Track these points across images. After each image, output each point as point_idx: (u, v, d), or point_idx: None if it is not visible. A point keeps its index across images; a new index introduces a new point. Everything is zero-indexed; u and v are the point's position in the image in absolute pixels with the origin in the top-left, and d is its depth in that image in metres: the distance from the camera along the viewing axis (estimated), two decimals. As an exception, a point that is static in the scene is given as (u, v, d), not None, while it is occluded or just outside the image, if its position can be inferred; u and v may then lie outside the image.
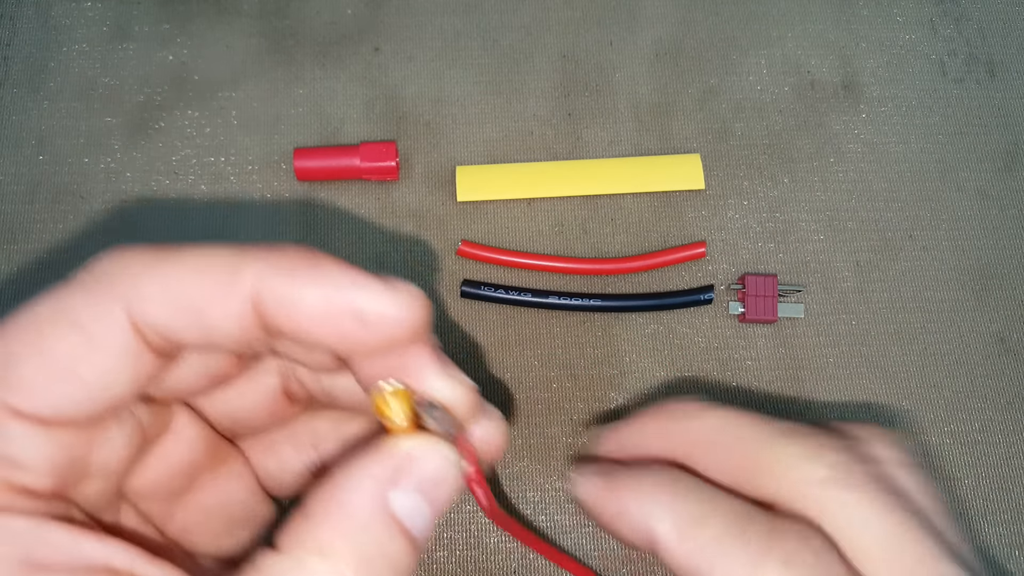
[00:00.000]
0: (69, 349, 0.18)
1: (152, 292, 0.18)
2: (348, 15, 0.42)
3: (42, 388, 0.18)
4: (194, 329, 0.19)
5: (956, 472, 0.36)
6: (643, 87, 0.41)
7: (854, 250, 0.39)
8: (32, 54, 0.40)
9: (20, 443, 0.18)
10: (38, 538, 0.17)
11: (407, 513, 0.19)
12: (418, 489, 0.19)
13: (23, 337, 0.18)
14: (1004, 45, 0.43)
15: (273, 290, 0.18)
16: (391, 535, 0.18)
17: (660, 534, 0.22)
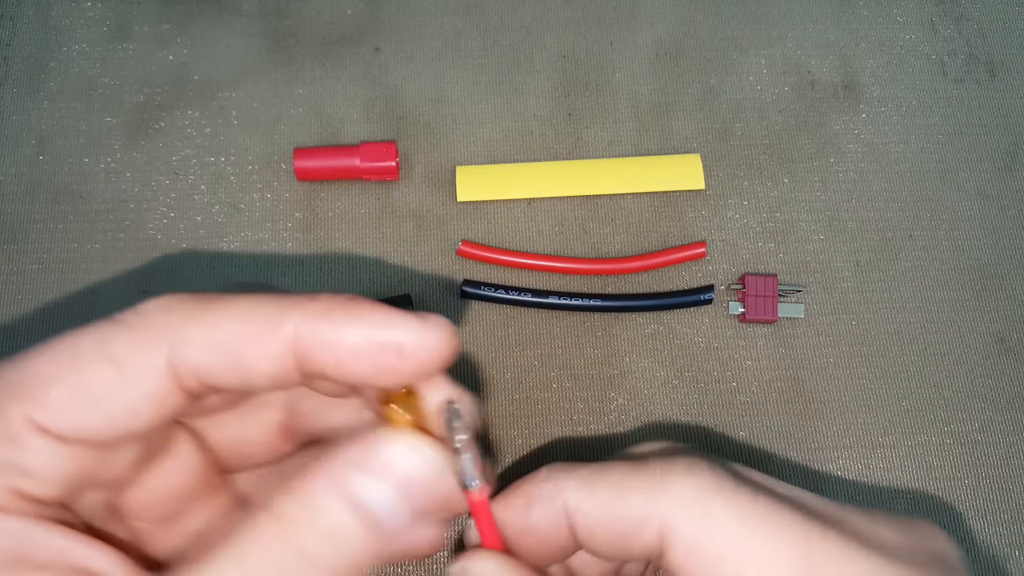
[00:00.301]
0: (101, 382, 0.19)
1: (195, 338, 0.19)
2: (348, 15, 0.42)
3: (68, 411, 0.19)
4: (233, 374, 0.20)
5: (956, 472, 0.36)
6: (643, 87, 0.41)
7: (854, 250, 0.39)
8: (32, 54, 0.40)
9: (35, 454, 0.19)
10: (30, 537, 0.18)
11: (369, 496, 0.19)
12: (383, 476, 0.20)
13: (61, 361, 0.19)
14: (1004, 45, 0.43)
15: (314, 334, 0.19)
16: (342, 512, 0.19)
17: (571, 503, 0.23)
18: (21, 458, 0.19)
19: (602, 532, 0.23)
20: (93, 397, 0.19)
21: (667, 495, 0.22)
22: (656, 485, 0.22)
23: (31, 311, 0.37)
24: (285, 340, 0.19)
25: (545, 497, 0.23)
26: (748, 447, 0.36)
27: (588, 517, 0.23)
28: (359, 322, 0.20)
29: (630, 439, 0.36)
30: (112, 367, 0.19)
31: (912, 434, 0.37)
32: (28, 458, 0.19)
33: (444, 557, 0.34)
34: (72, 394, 0.19)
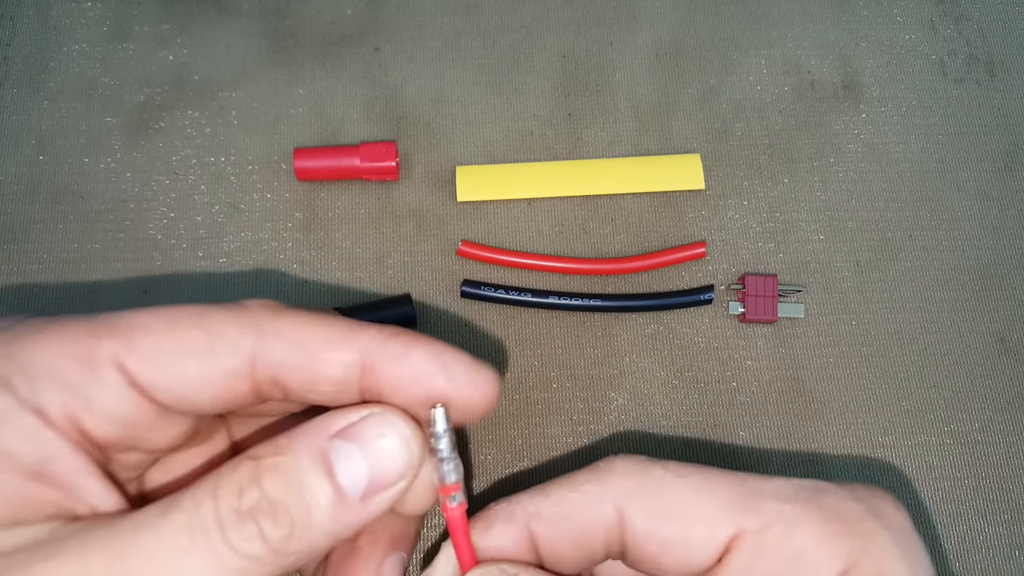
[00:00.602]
0: (191, 344, 0.21)
1: (282, 331, 0.21)
2: (348, 15, 0.42)
3: (152, 361, 0.21)
4: (302, 373, 0.22)
5: (956, 472, 0.36)
6: (643, 87, 0.41)
7: (854, 250, 0.39)
8: (32, 54, 0.40)
9: (106, 390, 0.20)
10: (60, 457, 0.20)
11: (338, 459, 0.20)
12: (358, 443, 0.21)
13: (164, 320, 0.21)
14: (1004, 45, 0.43)
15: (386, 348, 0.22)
16: (316, 471, 0.20)
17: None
18: (93, 388, 0.20)
19: (562, 532, 0.24)
20: (181, 355, 0.21)
21: (613, 474, 0.24)
22: (602, 471, 0.24)
23: (31, 311, 0.37)
24: (357, 350, 0.21)
25: (502, 515, 0.24)
26: (748, 447, 0.36)
27: (547, 521, 0.24)
28: (425, 346, 0.22)
29: (630, 439, 0.36)
30: (204, 334, 0.21)
31: (912, 434, 0.37)
32: (99, 391, 0.20)
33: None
34: (161, 347, 0.21)
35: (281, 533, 0.19)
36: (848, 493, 0.23)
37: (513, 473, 0.35)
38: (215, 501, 0.19)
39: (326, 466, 0.20)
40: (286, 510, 0.19)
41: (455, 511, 0.24)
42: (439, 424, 0.22)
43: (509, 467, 0.36)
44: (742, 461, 0.36)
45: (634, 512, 0.23)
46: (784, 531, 0.22)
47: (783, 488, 0.23)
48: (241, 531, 0.19)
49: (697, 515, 0.23)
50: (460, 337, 0.37)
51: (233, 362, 0.21)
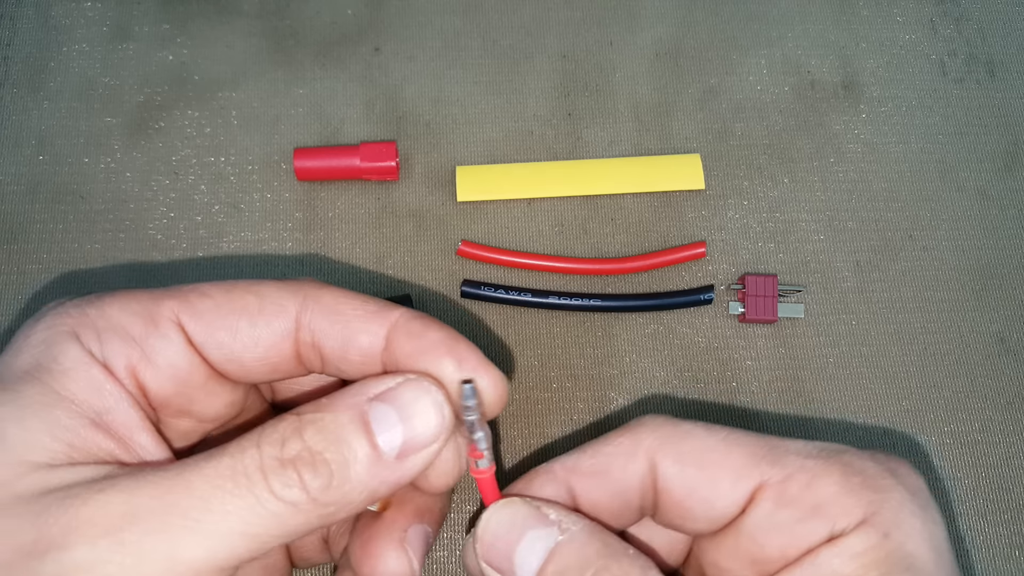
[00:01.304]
0: (245, 305, 0.23)
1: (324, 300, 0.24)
2: (348, 15, 0.42)
3: (209, 321, 0.23)
4: (339, 338, 0.24)
5: (956, 472, 0.36)
6: (643, 87, 0.41)
7: (854, 250, 0.39)
8: (32, 54, 0.40)
9: (167, 345, 0.23)
10: (117, 408, 0.22)
11: (376, 419, 0.22)
12: (395, 406, 0.22)
13: (220, 286, 0.24)
14: (1004, 45, 0.43)
15: (409, 324, 0.23)
16: (355, 428, 0.21)
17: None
18: (153, 342, 0.23)
19: (600, 485, 0.25)
20: (233, 315, 0.23)
21: (644, 427, 0.25)
22: (634, 427, 0.25)
23: (31, 311, 0.37)
24: (387, 324, 0.23)
25: (541, 471, 0.26)
26: (748, 447, 0.36)
27: (584, 474, 0.25)
28: (441, 328, 0.24)
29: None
30: (256, 297, 0.23)
31: (912, 434, 0.37)
32: (160, 346, 0.23)
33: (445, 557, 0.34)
34: (217, 307, 0.23)
35: (320, 482, 0.20)
36: (868, 455, 0.24)
37: (514, 473, 0.35)
38: (259, 449, 0.20)
39: (364, 425, 0.21)
40: (325, 461, 0.21)
41: (484, 473, 0.25)
42: (469, 398, 0.23)
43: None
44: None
45: (663, 459, 0.24)
46: (807, 481, 0.23)
47: (807, 447, 0.24)
48: (282, 477, 0.20)
49: (723, 463, 0.24)
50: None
51: (280, 323, 0.23)
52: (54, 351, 0.22)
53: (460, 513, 0.35)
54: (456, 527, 0.35)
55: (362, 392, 0.22)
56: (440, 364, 0.23)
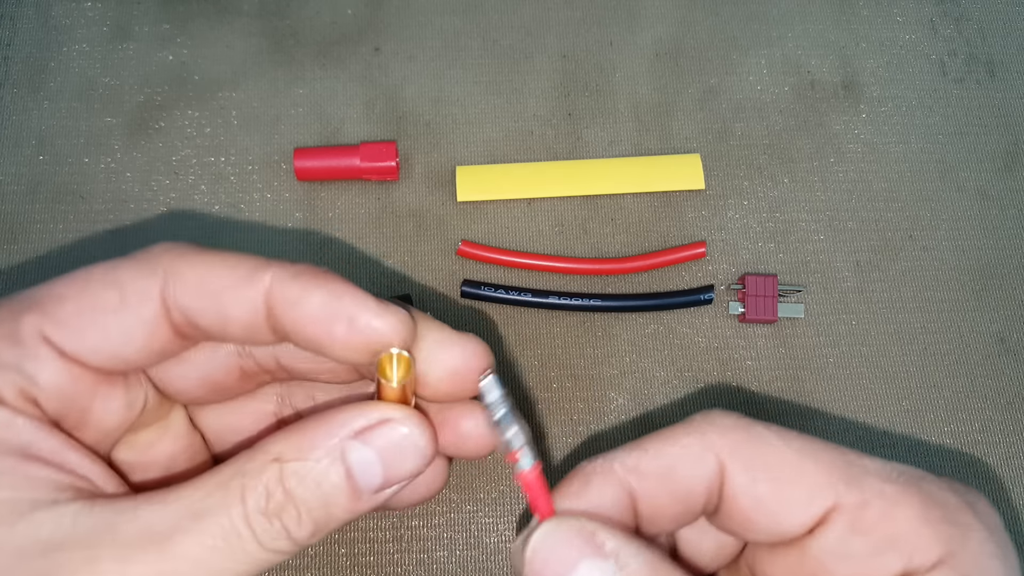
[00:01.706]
0: (105, 302, 0.22)
1: (186, 274, 0.22)
2: (348, 15, 0.42)
3: (73, 327, 0.21)
4: (211, 315, 0.22)
5: (956, 472, 0.36)
6: (643, 87, 0.41)
7: (854, 250, 0.39)
8: (32, 54, 0.40)
9: (42, 365, 0.21)
10: (37, 437, 0.21)
11: (357, 463, 0.21)
12: (375, 447, 0.21)
13: (74, 283, 0.22)
14: (1004, 45, 0.43)
15: (284, 290, 0.22)
16: (336, 476, 0.21)
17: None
18: (29, 365, 0.21)
19: (664, 487, 0.23)
20: (96, 314, 0.21)
21: (713, 427, 0.23)
22: (700, 424, 0.24)
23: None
24: (260, 291, 0.22)
25: (599, 471, 0.24)
26: (748, 447, 0.36)
27: (647, 476, 0.23)
28: (323, 289, 0.22)
29: (630, 439, 0.36)
30: (115, 289, 0.22)
31: (912, 434, 0.37)
32: (35, 366, 0.21)
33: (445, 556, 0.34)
34: (78, 311, 0.21)
35: (305, 532, 0.21)
36: (947, 484, 0.22)
37: (514, 473, 0.35)
38: (244, 505, 0.20)
39: (346, 470, 0.21)
40: (308, 510, 0.21)
41: (528, 475, 0.23)
42: (489, 394, 0.22)
43: (509, 467, 0.36)
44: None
45: (733, 466, 0.23)
46: (885, 510, 0.21)
47: (885, 469, 0.22)
48: (270, 532, 0.20)
49: (798, 477, 0.22)
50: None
51: (146, 311, 0.22)
52: None
53: (459, 513, 0.35)
54: (456, 527, 0.35)
55: (341, 428, 0.21)
56: (330, 331, 0.22)
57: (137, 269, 0.22)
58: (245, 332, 0.22)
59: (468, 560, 0.34)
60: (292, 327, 0.22)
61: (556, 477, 0.36)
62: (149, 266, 0.22)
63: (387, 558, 0.34)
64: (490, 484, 0.35)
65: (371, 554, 0.34)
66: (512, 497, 0.35)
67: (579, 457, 0.36)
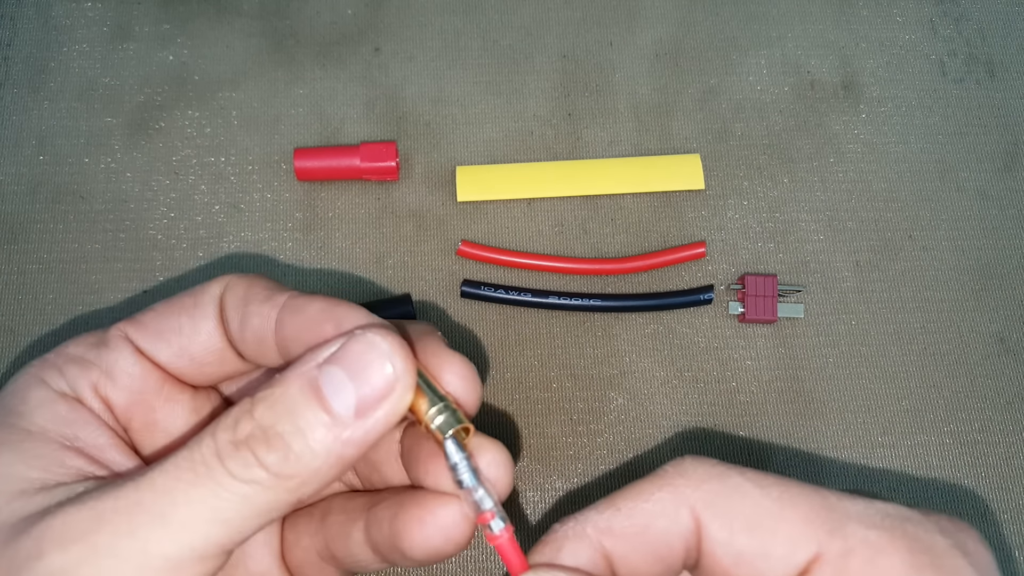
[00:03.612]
0: (182, 306, 0.25)
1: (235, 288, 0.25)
2: (348, 15, 0.42)
3: (151, 328, 0.25)
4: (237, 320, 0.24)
5: (956, 472, 0.36)
6: (643, 87, 0.41)
7: (854, 250, 0.39)
8: (32, 54, 0.40)
9: (118, 358, 0.24)
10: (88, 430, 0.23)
11: (326, 383, 0.21)
12: (341, 364, 0.21)
13: (165, 301, 0.25)
14: (1004, 45, 0.43)
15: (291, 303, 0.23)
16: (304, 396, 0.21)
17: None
18: (107, 357, 0.24)
19: (639, 547, 0.23)
20: (173, 315, 0.25)
21: (688, 480, 0.22)
22: (673, 476, 0.23)
23: (31, 311, 0.37)
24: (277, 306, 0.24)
25: (571, 535, 0.23)
26: (748, 447, 0.36)
27: (621, 536, 0.23)
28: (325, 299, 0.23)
29: (630, 439, 0.36)
30: (191, 296, 0.25)
31: (912, 434, 0.37)
32: (112, 359, 0.24)
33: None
34: (158, 315, 0.25)
35: (277, 456, 0.20)
36: (934, 524, 0.22)
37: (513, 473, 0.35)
38: (213, 436, 0.21)
39: (314, 391, 0.21)
40: (278, 435, 0.20)
41: (500, 537, 0.22)
42: (452, 455, 0.22)
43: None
44: (742, 461, 0.36)
45: (710, 520, 0.22)
46: (869, 558, 0.21)
47: (868, 512, 0.22)
48: (238, 459, 0.20)
49: (778, 530, 0.21)
50: (460, 337, 0.37)
51: (210, 310, 0.25)
52: (20, 396, 0.23)
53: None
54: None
55: (311, 359, 0.21)
56: (321, 333, 0.22)
57: (212, 281, 0.25)
58: (255, 341, 0.24)
59: (468, 560, 0.34)
60: (292, 334, 0.23)
61: (557, 476, 0.36)
62: (220, 279, 0.25)
63: (387, 558, 0.34)
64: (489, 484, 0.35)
65: (371, 554, 0.34)
66: (512, 497, 0.35)
67: (579, 457, 0.36)
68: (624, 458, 0.36)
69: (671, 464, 0.23)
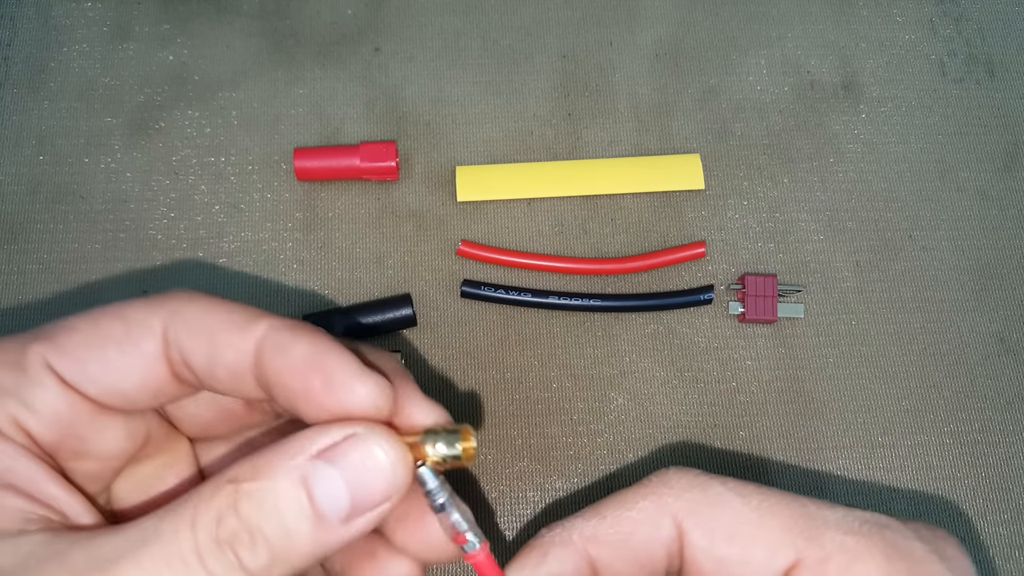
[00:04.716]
0: (111, 333, 0.22)
1: (187, 313, 0.22)
2: (348, 15, 0.42)
3: (78, 357, 0.22)
4: (204, 354, 0.22)
5: (956, 472, 0.36)
6: (643, 87, 0.41)
7: (854, 250, 0.39)
8: (32, 54, 0.40)
9: (41, 391, 0.21)
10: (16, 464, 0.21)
11: (319, 484, 0.20)
12: (339, 466, 0.20)
13: (85, 318, 0.22)
14: (1004, 45, 0.43)
15: (275, 336, 0.21)
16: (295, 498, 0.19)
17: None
18: (28, 391, 0.21)
19: (623, 554, 0.23)
20: (100, 345, 0.22)
21: (670, 489, 0.23)
22: (656, 486, 0.23)
23: (31, 311, 0.37)
24: (253, 337, 0.21)
25: (557, 541, 0.24)
26: (748, 447, 0.36)
27: (605, 544, 0.23)
28: (311, 341, 0.21)
29: (630, 439, 0.36)
30: (121, 322, 0.22)
31: (912, 434, 0.37)
32: (34, 392, 0.21)
33: None
34: (84, 342, 0.22)
35: (260, 561, 0.19)
36: (912, 532, 0.22)
37: (513, 473, 0.35)
38: (193, 530, 0.19)
39: (306, 491, 0.20)
40: (265, 537, 0.19)
41: (477, 556, 0.23)
42: (428, 482, 0.22)
43: (509, 467, 0.36)
44: (742, 461, 0.36)
45: (692, 528, 0.22)
46: (846, 564, 0.21)
47: (847, 519, 0.22)
48: (221, 560, 0.19)
49: (757, 537, 0.22)
50: (460, 337, 0.37)
51: (148, 345, 0.22)
52: None
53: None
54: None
55: (303, 449, 0.20)
56: (307, 385, 0.21)
57: (146, 307, 0.22)
58: (232, 378, 0.22)
59: (468, 560, 0.34)
60: (275, 376, 0.21)
61: (556, 476, 0.36)
62: (157, 303, 0.22)
63: (387, 558, 0.34)
64: (490, 484, 0.35)
65: (371, 554, 0.34)
66: (512, 497, 0.35)
67: (579, 457, 0.36)
68: (624, 458, 0.36)
69: (656, 474, 0.24)
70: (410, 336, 0.37)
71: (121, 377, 0.22)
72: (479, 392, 0.36)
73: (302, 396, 0.21)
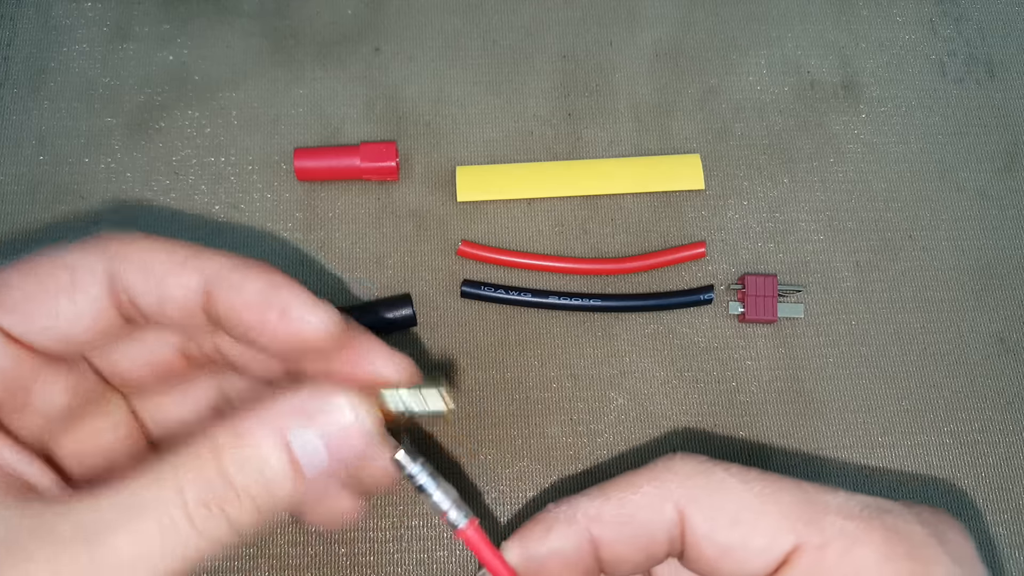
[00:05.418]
0: (56, 283, 0.22)
1: (131, 255, 0.22)
2: (348, 15, 0.42)
3: (23, 311, 0.22)
4: (153, 294, 0.22)
5: (956, 472, 0.36)
6: (643, 87, 0.41)
7: (854, 250, 0.39)
8: (32, 54, 0.40)
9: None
10: None
11: (300, 446, 0.21)
12: (317, 426, 0.21)
13: (22, 270, 0.22)
14: (1004, 45, 0.43)
15: (226, 275, 0.22)
16: (277, 457, 0.21)
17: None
18: None
19: (624, 534, 0.24)
20: (47, 296, 0.22)
21: (674, 475, 0.24)
22: (661, 471, 0.24)
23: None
24: (200, 274, 0.22)
25: (562, 518, 0.24)
26: (748, 447, 0.36)
27: (608, 524, 0.24)
28: (262, 278, 0.22)
29: (630, 439, 0.36)
30: (65, 271, 0.22)
31: (912, 434, 0.37)
32: None
33: (444, 557, 0.34)
34: (26, 295, 0.22)
35: (247, 517, 0.20)
36: (914, 515, 0.22)
37: (513, 473, 0.35)
38: (181, 495, 0.20)
39: (288, 452, 0.21)
40: (251, 496, 0.20)
41: (467, 531, 0.23)
42: (408, 466, 0.23)
43: (509, 467, 0.36)
44: (742, 461, 0.36)
45: (694, 514, 0.23)
46: (845, 548, 0.21)
47: (848, 504, 0.22)
48: (210, 520, 0.20)
49: (758, 522, 0.22)
50: (460, 337, 0.37)
51: (95, 290, 0.22)
52: None
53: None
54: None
55: (281, 409, 0.21)
56: (263, 318, 0.22)
57: (86, 252, 0.22)
58: (182, 315, 0.23)
59: (468, 560, 0.34)
60: (227, 313, 0.22)
61: (557, 476, 0.36)
62: (98, 248, 0.22)
63: (387, 558, 0.34)
64: (489, 484, 0.35)
65: (371, 554, 0.34)
66: (512, 497, 0.35)
67: (579, 457, 0.36)
68: (624, 458, 0.36)
69: (661, 459, 0.24)
70: (410, 336, 0.37)
71: (70, 324, 0.22)
72: (479, 392, 0.36)
73: (257, 329, 0.22)
